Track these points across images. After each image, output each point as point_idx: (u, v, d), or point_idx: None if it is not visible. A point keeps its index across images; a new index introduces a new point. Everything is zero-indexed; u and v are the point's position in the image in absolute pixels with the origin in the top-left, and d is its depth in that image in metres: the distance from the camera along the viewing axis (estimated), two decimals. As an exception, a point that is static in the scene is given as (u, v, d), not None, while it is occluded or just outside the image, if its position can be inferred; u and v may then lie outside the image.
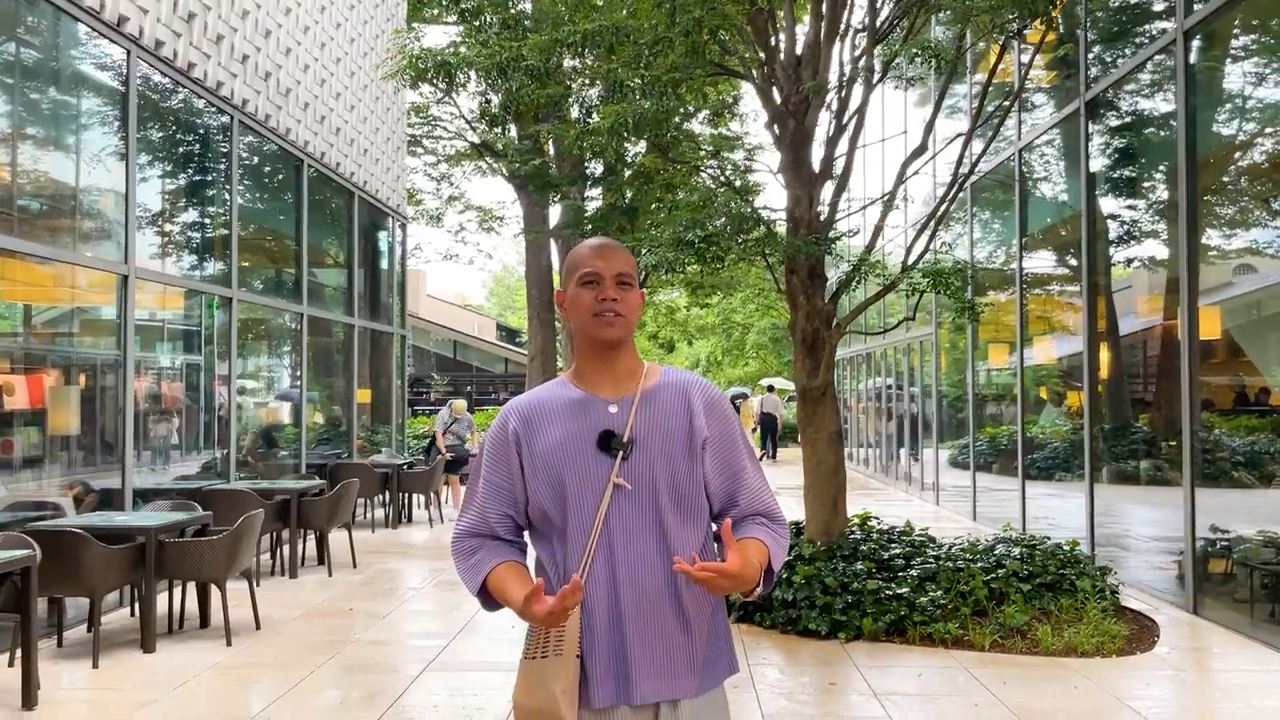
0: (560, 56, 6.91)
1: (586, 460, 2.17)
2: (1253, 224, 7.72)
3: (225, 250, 10.07)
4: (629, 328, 2.23)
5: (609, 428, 2.18)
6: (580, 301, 2.21)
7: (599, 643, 2.14)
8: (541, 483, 2.19)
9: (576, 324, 2.23)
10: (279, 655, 6.35)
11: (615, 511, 2.15)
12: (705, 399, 2.26)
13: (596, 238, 2.35)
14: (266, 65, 10.60)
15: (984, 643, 6.37)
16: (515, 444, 2.23)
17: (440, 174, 24.22)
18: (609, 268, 2.20)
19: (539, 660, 2.12)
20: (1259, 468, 7.64)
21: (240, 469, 10.20)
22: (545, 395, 2.29)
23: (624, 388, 2.24)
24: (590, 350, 2.25)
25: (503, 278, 59.99)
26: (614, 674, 2.13)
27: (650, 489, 2.16)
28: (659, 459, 2.17)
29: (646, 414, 2.21)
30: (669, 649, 2.15)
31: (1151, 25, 8.75)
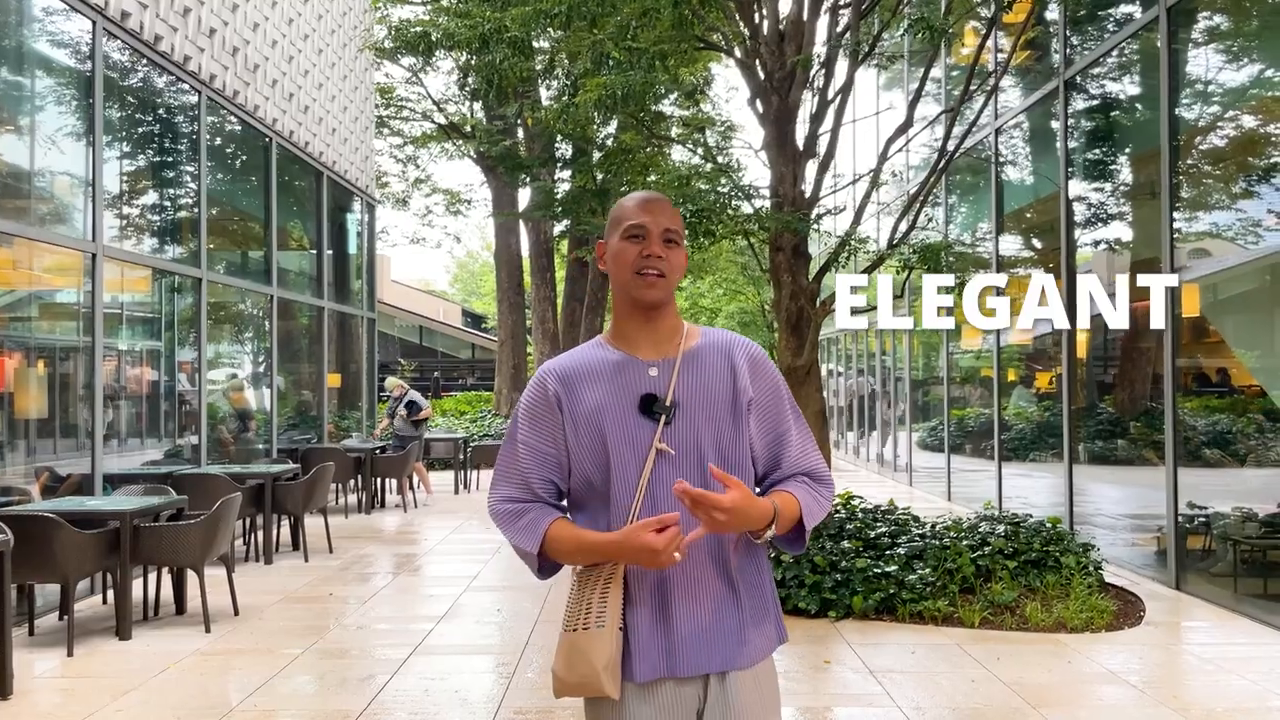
0: (544, 28, 6.76)
1: (628, 424, 2.07)
2: (1225, 205, 7.75)
3: (194, 230, 9.82)
4: (671, 288, 2.13)
5: (649, 391, 2.09)
6: (623, 256, 2.10)
7: (642, 613, 2.05)
8: (584, 447, 2.10)
9: (616, 280, 2.13)
10: (260, 642, 6.20)
11: (658, 477, 2.05)
12: (749, 358, 2.16)
13: (643, 190, 2.24)
14: (234, 40, 10.34)
15: (974, 619, 6.36)
16: (557, 405, 2.13)
17: (406, 156, 23.92)
18: (656, 222, 2.08)
19: (580, 633, 2.03)
20: (1224, 447, 7.71)
21: (211, 454, 9.98)
22: (582, 357, 2.18)
23: (664, 349, 2.14)
24: (629, 310, 2.14)
25: (467, 263, 59.54)
26: (658, 646, 2.04)
27: (694, 454, 2.07)
28: (703, 423, 2.08)
29: (688, 376, 2.11)
30: (716, 618, 2.06)
31: (1133, 4, 8.75)
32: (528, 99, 15.02)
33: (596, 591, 2.04)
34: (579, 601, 2.06)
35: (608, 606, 2.02)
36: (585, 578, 2.08)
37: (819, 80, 7.72)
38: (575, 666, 2.02)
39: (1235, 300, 8.15)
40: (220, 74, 10.01)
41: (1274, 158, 7.38)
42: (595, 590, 2.05)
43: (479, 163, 21.66)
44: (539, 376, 2.18)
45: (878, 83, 17.04)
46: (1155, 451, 8.44)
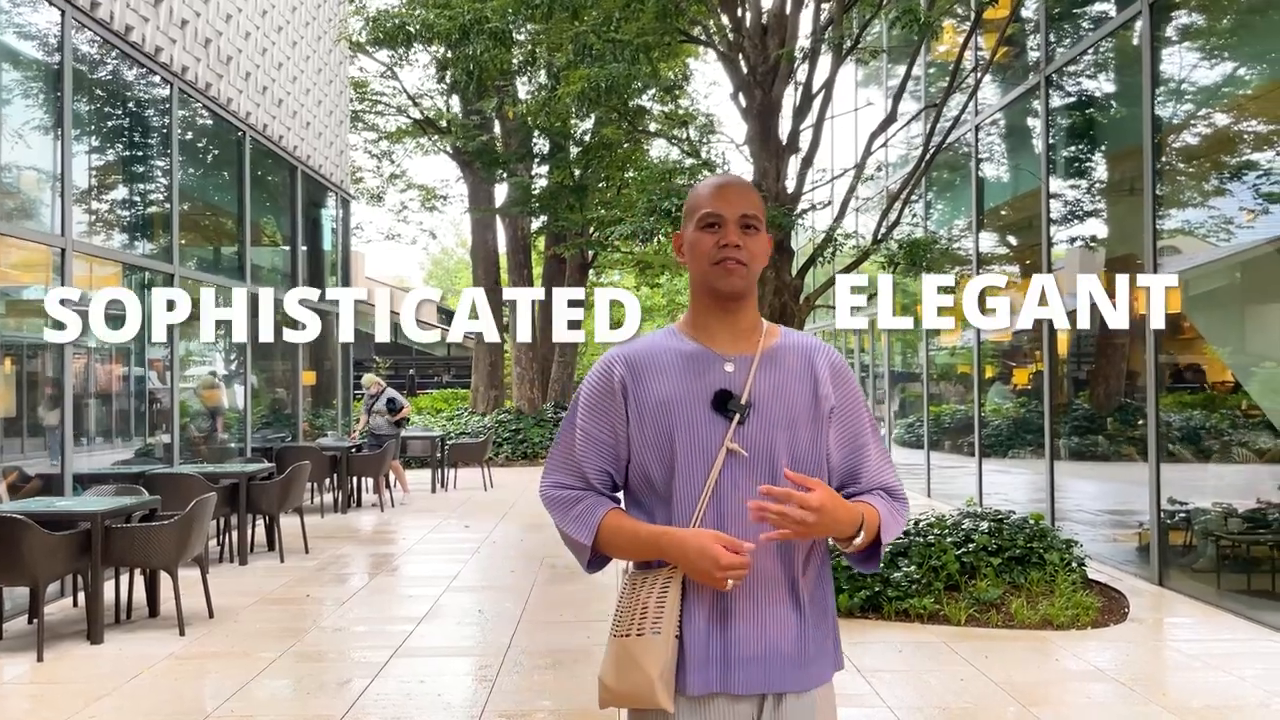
0: (525, 19, 6.66)
1: (698, 421, 1.96)
2: (1198, 203, 7.76)
3: (165, 225, 9.64)
4: (752, 278, 2.01)
5: (724, 387, 1.97)
6: (699, 247, 1.99)
7: (700, 623, 1.92)
8: (649, 441, 1.98)
9: (693, 271, 2.02)
10: (237, 645, 6.07)
11: (727, 479, 1.94)
12: (831, 365, 2.06)
13: (720, 174, 2.11)
14: (207, 31, 10.16)
15: (960, 617, 6.32)
16: (621, 393, 2.01)
17: (381, 151, 23.68)
18: (732, 209, 1.97)
19: (633, 639, 1.90)
20: (1203, 443, 7.73)
21: (184, 453, 9.81)
22: (653, 344, 2.05)
23: (742, 345, 2.02)
24: (707, 301, 2.02)
25: (442, 260, 59.16)
26: (715, 658, 1.92)
27: (767, 458, 1.95)
28: (779, 426, 1.97)
29: (767, 376, 2.00)
30: (778, 635, 1.94)
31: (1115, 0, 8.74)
32: (506, 93, 14.88)
33: (654, 595, 1.92)
34: (632, 604, 1.94)
35: (665, 612, 1.90)
36: (640, 579, 1.96)
37: (802, 74, 7.66)
38: (627, 675, 1.89)
39: (1208, 296, 8.17)
40: (192, 66, 9.82)
41: (1254, 154, 7.39)
42: (653, 593, 1.92)
43: (455, 158, 21.47)
44: (605, 361, 2.07)
45: (855, 79, 17.03)
46: (1135, 447, 8.45)
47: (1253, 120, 7.32)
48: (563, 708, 4.88)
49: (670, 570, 1.93)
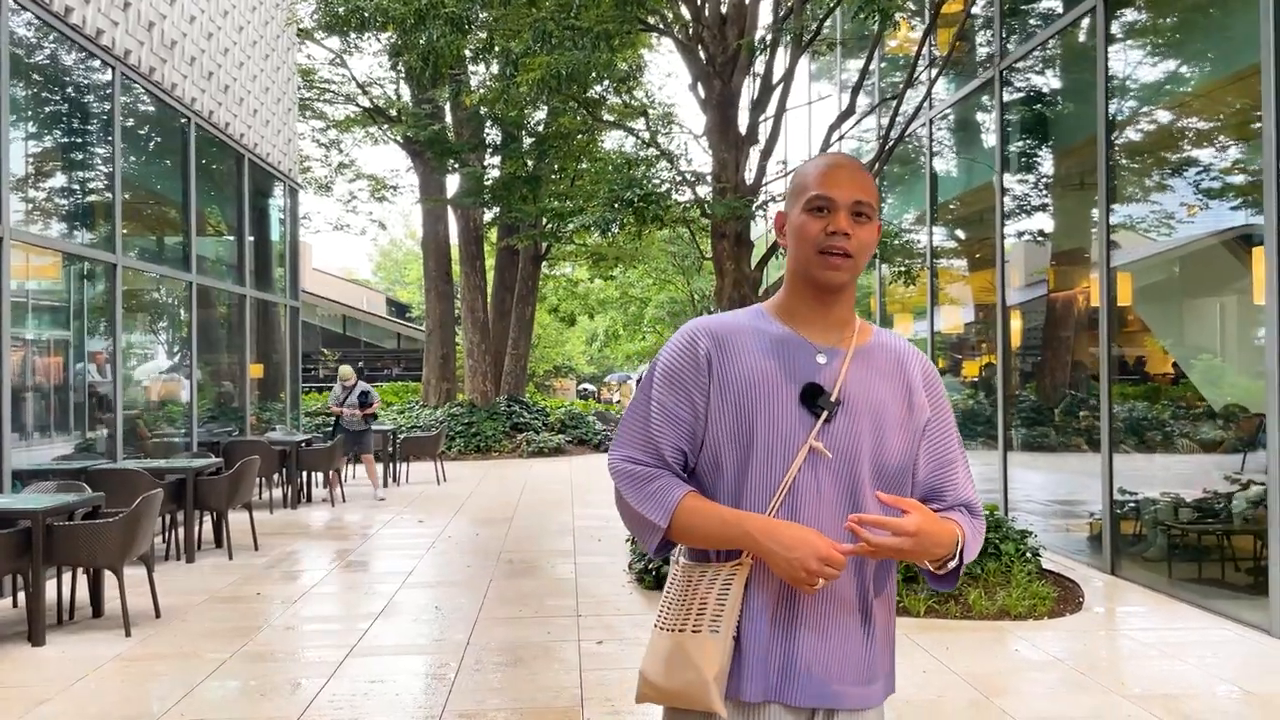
0: (482, 5, 6.53)
1: (783, 411, 1.82)
2: (1141, 198, 7.86)
3: (107, 213, 9.36)
4: (858, 270, 1.86)
5: (815, 380, 1.84)
6: (805, 232, 1.84)
7: (762, 626, 1.81)
8: (727, 424, 1.84)
9: (795, 257, 1.87)
10: (184, 645, 5.90)
11: (806, 479, 1.81)
12: (924, 373, 1.95)
13: (831, 154, 1.95)
14: (150, 15, 9.87)
15: (919, 608, 6.34)
16: (706, 366, 1.86)
17: (330, 140, 23.31)
18: (845, 194, 1.82)
19: (689, 634, 1.78)
20: (1148, 434, 7.84)
21: (128, 447, 9.55)
22: (740, 322, 1.91)
23: (834, 337, 1.89)
24: (803, 288, 1.89)
25: (391, 251, 58.53)
26: (776, 666, 1.81)
27: (851, 461, 1.83)
28: (866, 429, 1.84)
29: (858, 374, 1.87)
30: (843, 650, 1.83)
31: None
32: (461, 81, 14.67)
33: (714, 591, 1.79)
34: (688, 598, 1.81)
35: (726, 610, 1.78)
36: (699, 573, 1.83)
37: (761, 66, 7.62)
38: (679, 672, 1.77)
39: (1152, 289, 8.29)
40: (135, 49, 9.54)
41: (1200, 150, 7.49)
42: (713, 589, 1.79)
43: (405, 147, 21.19)
44: (688, 332, 1.92)
45: (810, 73, 17.06)
46: (1086, 438, 8.55)
47: (1200, 117, 7.42)
48: (524, 706, 4.80)
49: (735, 565, 1.80)
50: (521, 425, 19.63)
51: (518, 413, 20.05)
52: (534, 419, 20.07)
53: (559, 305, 27.45)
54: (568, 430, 19.98)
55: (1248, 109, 6.46)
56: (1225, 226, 7.27)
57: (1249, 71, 6.23)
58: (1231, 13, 6.99)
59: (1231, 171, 7.10)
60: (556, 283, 27.31)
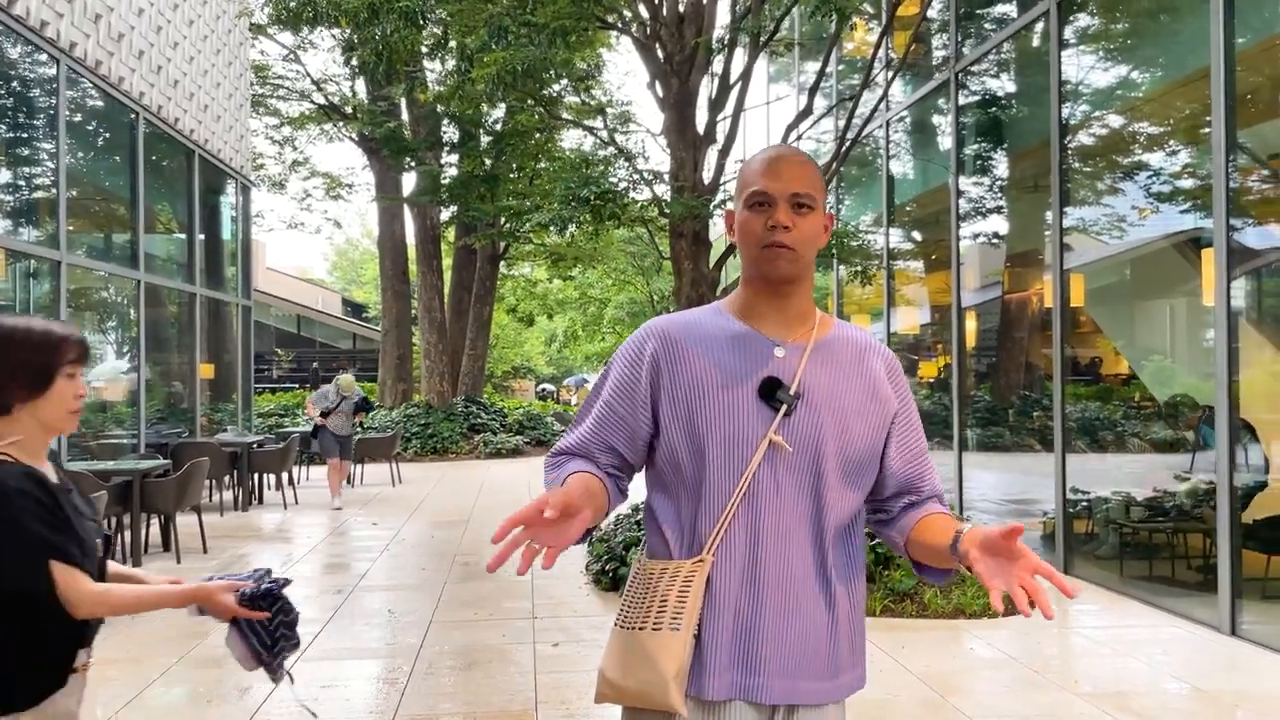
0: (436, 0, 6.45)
1: (741, 408, 1.80)
2: (1092, 201, 7.96)
3: (52, 210, 9.13)
4: (806, 261, 1.85)
5: (773, 374, 1.82)
6: (748, 228, 1.83)
7: (724, 624, 1.78)
8: (681, 425, 1.82)
9: (743, 254, 1.87)
10: (128, 651, 5.75)
11: (765, 475, 1.79)
12: (888, 365, 1.93)
13: (773, 146, 1.93)
14: (97, 6, 9.65)
15: (875, 608, 6.35)
16: (652, 371, 1.86)
17: (284, 137, 23.00)
18: (782, 187, 1.80)
19: (647, 632, 1.75)
20: (1098, 434, 7.94)
21: (73, 449, 9.32)
22: (697, 320, 1.91)
23: (793, 332, 1.88)
24: (757, 285, 1.88)
25: (347, 250, 57.94)
26: (739, 664, 1.79)
27: (813, 455, 1.80)
28: (828, 422, 1.82)
29: (819, 367, 1.85)
30: (807, 645, 1.81)
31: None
32: (416, 78, 14.53)
33: (675, 588, 1.77)
34: (648, 596, 1.79)
35: (687, 608, 1.75)
36: (659, 570, 1.81)
37: (719, 65, 7.60)
38: (636, 671, 1.75)
39: (1103, 291, 8.39)
40: (81, 42, 9.32)
41: (1151, 154, 7.59)
42: (674, 586, 1.78)
43: (361, 145, 20.97)
44: (641, 333, 1.93)
45: (768, 74, 17.11)
46: (1039, 438, 8.63)
47: (1151, 121, 7.52)
48: (478, 711, 4.72)
49: (696, 562, 1.79)
50: (479, 426, 19.49)
51: (475, 413, 19.90)
52: (491, 420, 19.93)
53: (517, 305, 27.33)
54: (526, 431, 19.86)
55: (1198, 113, 6.55)
56: (1175, 230, 7.38)
57: (1198, 75, 6.31)
58: (1181, 18, 7.09)
59: (1182, 175, 7.19)
60: (515, 283, 27.19)
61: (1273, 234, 6.15)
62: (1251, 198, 6.21)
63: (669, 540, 1.84)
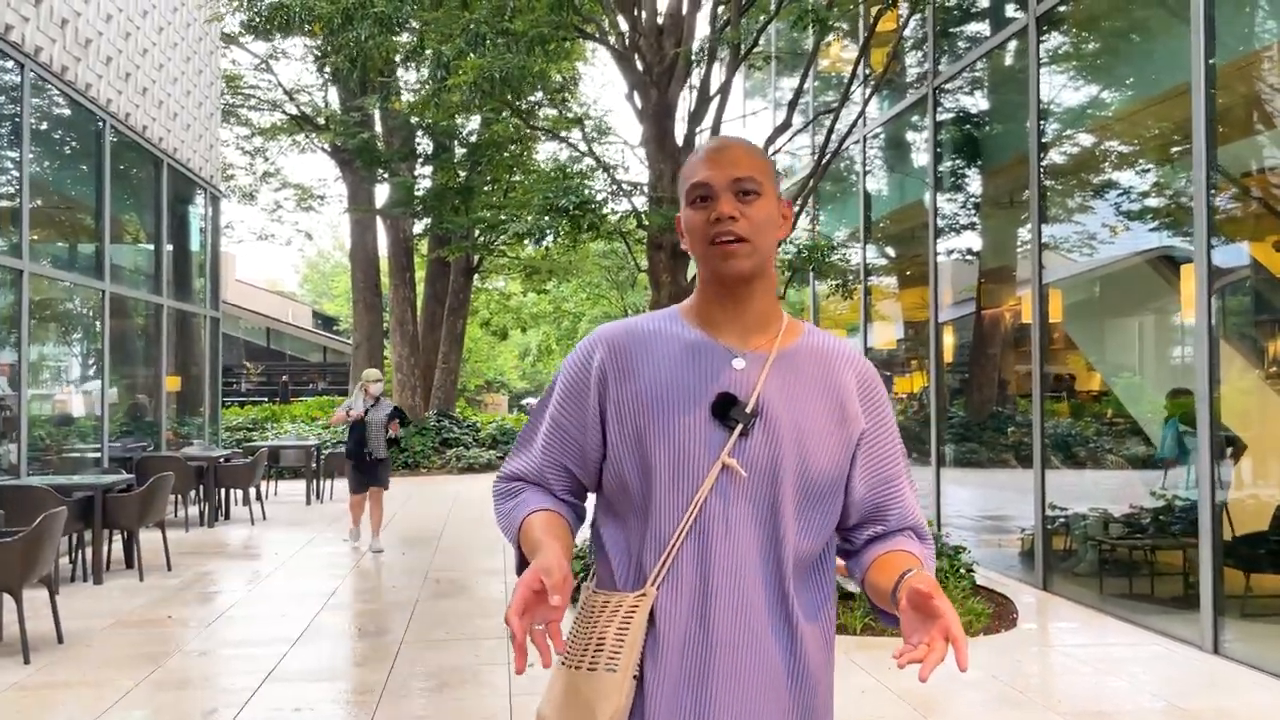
0: (413, 7, 6.34)
1: (692, 426, 1.63)
2: (1065, 217, 7.96)
3: (14, 219, 8.91)
4: (763, 253, 1.66)
5: (730, 389, 1.64)
6: (693, 226, 1.66)
7: (669, 667, 1.61)
8: (628, 441, 1.66)
9: (694, 255, 1.70)
10: (88, 673, 5.56)
11: (717, 502, 1.62)
12: (861, 379, 1.73)
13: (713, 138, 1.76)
14: (64, 11, 9.46)
15: (856, 626, 6.27)
16: (599, 382, 1.70)
17: (255, 148, 22.76)
18: (721, 175, 1.63)
19: (583, 673, 1.61)
20: (1074, 450, 7.93)
21: (33, 463, 9.08)
22: (649, 327, 1.73)
23: (755, 340, 1.70)
24: (712, 288, 1.70)
25: (317, 263, 57.50)
26: (686, 707, 1.61)
27: (770, 480, 1.63)
28: (788, 443, 1.63)
29: (780, 381, 1.66)
30: (766, 691, 1.62)
31: (1002, 12, 8.91)
32: (390, 86, 14.41)
33: (614, 624, 1.61)
34: (588, 632, 1.64)
35: (625, 646, 1.59)
36: (602, 603, 1.65)
37: (697, 77, 7.55)
38: (570, 712, 1.61)
39: (1084, 306, 8.39)
40: (47, 47, 9.13)
41: (1126, 171, 7.60)
42: (613, 622, 1.62)
43: (334, 156, 20.78)
44: (588, 342, 1.77)
45: (744, 88, 17.12)
46: (1016, 454, 8.60)
47: (1129, 137, 7.53)
48: (451, 734, 4.59)
49: (639, 596, 1.62)
50: (451, 440, 19.29)
51: (447, 428, 19.70)
52: (464, 434, 19.73)
53: (491, 319, 27.16)
54: (499, 446, 19.68)
55: (1176, 130, 6.55)
56: (1151, 246, 7.38)
57: (1176, 92, 6.31)
58: (1157, 35, 7.11)
59: (1160, 191, 7.20)
60: (489, 296, 27.03)
61: (1245, 251, 6.16)
62: (1227, 215, 6.21)
63: (614, 570, 1.69)
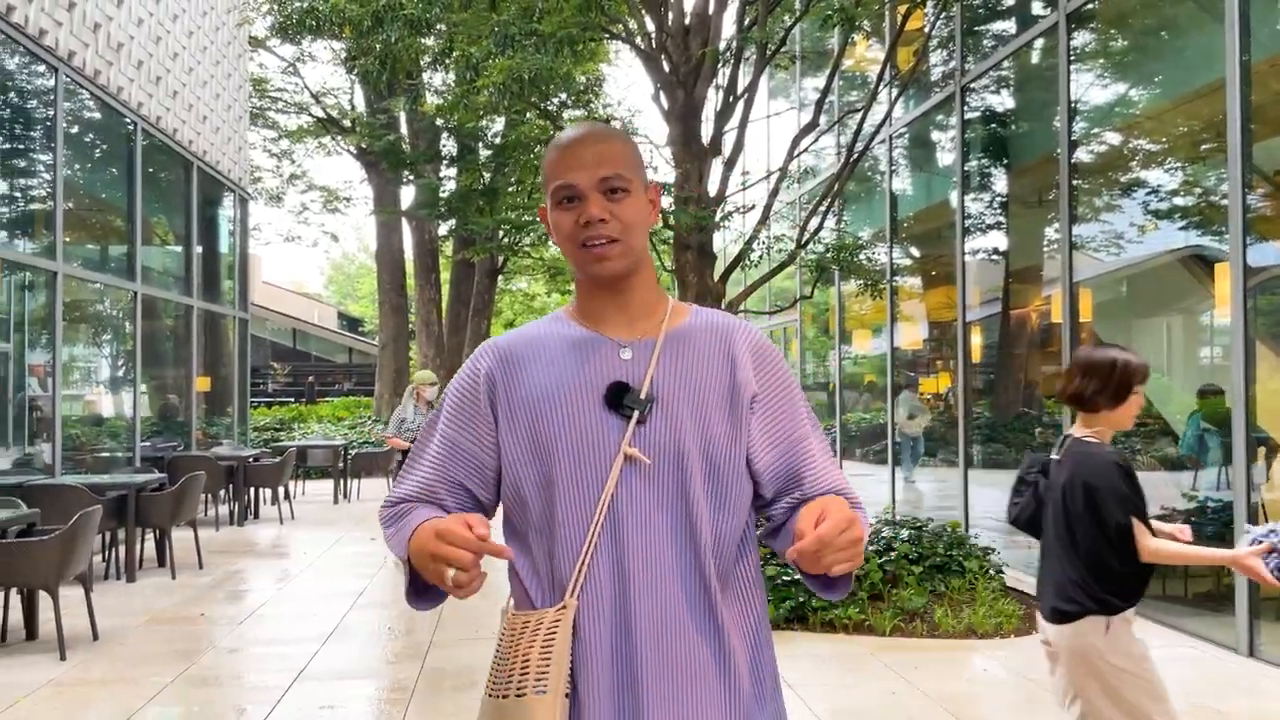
0: (442, 8, 6.38)
1: (588, 422, 1.58)
2: (1111, 214, 7.90)
3: (48, 221, 9.03)
4: (635, 250, 1.61)
5: (620, 378, 1.60)
6: (560, 228, 1.61)
7: (599, 677, 1.54)
8: (522, 449, 1.60)
9: (565, 255, 1.65)
10: (122, 670, 5.62)
11: (626, 494, 1.56)
12: (753, 347, 1.68)
13: (574, 126, 1.69)
14: (96, 16, 9.58)
15: (885, 627, 6.24)
16: (489, 392, 1.65)
17: (281, 150, 22.95)
18: (588, 175, 1.57)
19: (511, 700, 1.50)
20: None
21: (67, 463, 9.19)
22: (535, 332, 1.70)
23: (641, 327, 1.66)
24: (590, 285, 1.67)
25: (343, 265, 57.89)
26: (625, 712, 1.54)
27: (676, 464, 1.57)
28: (688, 423, 1.58)
29: (672, 363, 1.62)
30: (697, 686, 1.56)
31: (1031, 9, 8.85)
32: (417, 89, 14.50)
33: (538, 643, 1.53)
34: (511, 655, 1.55)
35: (552, 664, 1.51)
36: (522, 623, 1.57)
37: (724, 77, 7.54)
38: None
39: (1114, 305, 8.32)
40: (80, 51, 9.24)
41: (1167, 166, 7.53)
42: (535, 641, 1.53)
43: (360, 158, 20.92)
44: (476, 352, 1.73)
45: (768, 88, 17.09)
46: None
47: (1162, 135, 7.46)
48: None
49: (559, 610, 1.55)
50: (476, 440, 19.33)
51: (472, 428, 19.75)
52: (489, 434, 19.78)
53: (515, 320, 27.23)
54: (523, 446, 19.71)
55: (1208, 128, 6.49)
56: (1181, 245, 7.31)
57: (1208, 89, 6.25)
58: (1189, 32, 7.04)
59: (1191, 190, 7.13)
60: (513, 297, 27.10)
61: (1278, 250, 6.09)
62: (1259, 213, 6.14)
63: (529, 589, 1.61)
